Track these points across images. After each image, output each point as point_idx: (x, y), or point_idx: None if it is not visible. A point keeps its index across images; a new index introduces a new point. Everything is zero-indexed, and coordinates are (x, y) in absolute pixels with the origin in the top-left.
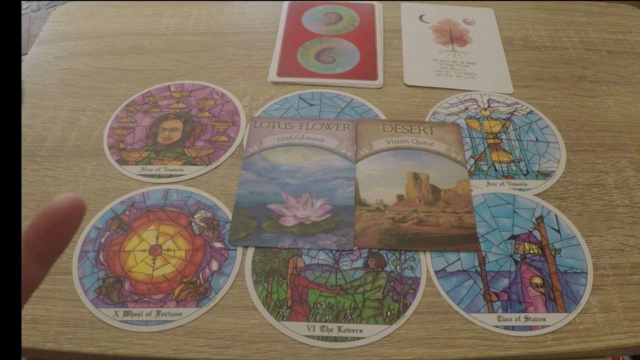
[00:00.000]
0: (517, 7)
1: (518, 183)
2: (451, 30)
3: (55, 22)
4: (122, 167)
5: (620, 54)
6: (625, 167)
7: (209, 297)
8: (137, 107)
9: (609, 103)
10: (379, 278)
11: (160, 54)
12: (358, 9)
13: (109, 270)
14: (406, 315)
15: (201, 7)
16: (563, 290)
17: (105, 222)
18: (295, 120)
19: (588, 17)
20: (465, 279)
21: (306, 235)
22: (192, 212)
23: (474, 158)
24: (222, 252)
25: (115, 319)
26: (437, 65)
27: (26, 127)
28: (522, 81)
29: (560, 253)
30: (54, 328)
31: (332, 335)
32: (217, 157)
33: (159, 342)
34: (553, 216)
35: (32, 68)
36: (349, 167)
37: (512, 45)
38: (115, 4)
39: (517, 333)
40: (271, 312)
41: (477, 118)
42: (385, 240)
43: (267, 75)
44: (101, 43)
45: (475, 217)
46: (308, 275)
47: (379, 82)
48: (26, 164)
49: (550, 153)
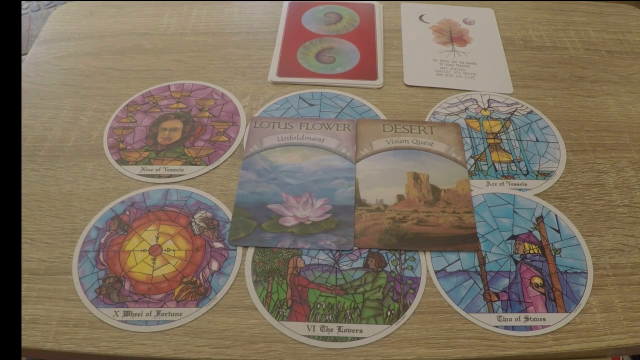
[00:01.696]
0: (517, 7)
1: (518, 183)
2: (451, 30)
3: (55, 22)
4: (122, 167)
5: (620, 54)
6: (625, 167)
7: (209, 297)
8: (137, 107)
9: (609, 103)
10: (379, 278)
11: (160, 54)
12: (358, 9)
13: (109, 270)
14: (406, 315)
15: (201, 7)
16: (563, 290)
17: (105, 222)
18: (295, 120)
19: (588, 17)
20: (465, 279)
21: (306, 235)
22: (192, 212)
23: (474, 158)
24: (222, 252)
25: (115, 319)
26: (437, 65)
27: (26, 127)
28: (522, 81)
29: (560, 253)
30: (54, 328)
31: (332, 335)
32: (217, 157)
33: (159, 342)
34: (553, 216)
35: (32, 68)
36: (349, 167)
37: (512, 45)
38: (115, 4)
39: (517, 333)
40: (271, 312)
41: (477, 118)
42: (385, 240)
43: (267, 75)
44: (101, 43)
45: (475, 217)
46: (308, 275)
47: (379, 82)
48: (26, 164)
49: (550, 153)
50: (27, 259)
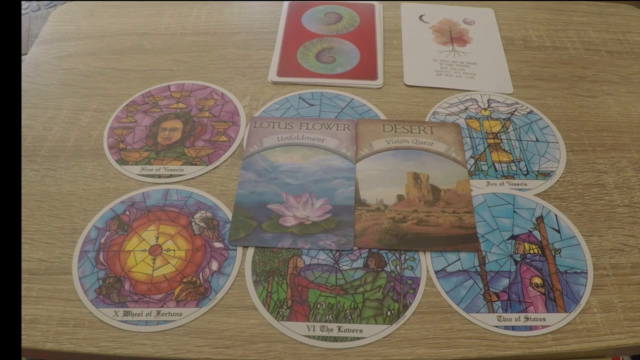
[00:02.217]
0: (517, 7)
1: (518, 183)
2: (451, 30)
3: (55, 22)
4: (122, 167)
5: (620, 54)
6: (625, 167)
7: (209, 297)
8: (137, 107)
9: (609, 103)
10: (379, 278)
11: (160, 54)
12: (358, 9)
13: (109, 270)
14: (406, 315)
15: (201, 7)
16: (563, 290)
17: (105, 222)
18: (295, 120)
19: (588, 17)
20: (465, 279)
21: (306, 235)
22: (192, 212)
23: (474, 158)
24: (222, 252)
25: (115, 319)
26: (437, 65)
27: (26, 127)
28: (522, 81)
29: (560, 253)
30: (54, 328)
31: (332, 335)
32: (217, 157)
33: (159, 342)
34: (553, 216)
35: (32, 68)
36: (349, 167)
37: (512, 45)
38: (115, 4)
39: (517, 333)
40: (271, 312)
41: (477, 118)
42: (385, 240)
43: (267, 75)
44: (101, 43)
45: (475, 217)
46: (308, 275)
47: (379, 82)
48: (26, 164)
49: (550, 153)
50: (27, 259)
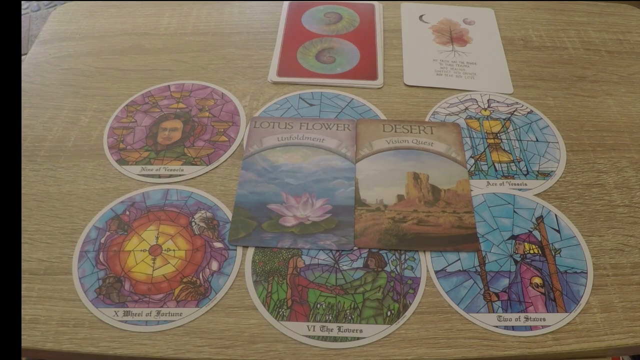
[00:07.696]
0: (517, 7)
1: (518, 183)
2: (451, 30)
3: (55, 22)
4: (122, 167)
5: (620, 54)
6: (625, 167)
7: (209, 297)
8: (137, 107)
9: (609, 103)
10: (379, 278)
11: (160, 54)
12: (358, 9)
13: (109, 270)
14: (406, 315)
15: (201, 7)
16: (563, 290)
17: (105, 222)
18: (295, 120)
19: (588, 17)
20: (465, 279)
21: (306, 235)
22: (192, 212)
23: (474, 158)
24: (222, 252)
25: (115, 319)
26: (437, 65)
27: (26, 127)
28: (522, 81)
29: (560, 253)
30: (54, 328)
31: (332, 335)
32: (217, 157)
33: (159, 342)
34: (553, 216)
35: (32, 68)
36: (349, 167)
37: (512, 45)
38: (115, 4)
39: (517, 333)
40: (271, 312)
41: (477, 118)
42: (385, 240)
43: (267, 75)
44: (101, 43)
45: (475, 217)
46: (308, 275)
47: (379, 82)
48: (26, 164)
49: (550, 153)
50: (27, 259)
